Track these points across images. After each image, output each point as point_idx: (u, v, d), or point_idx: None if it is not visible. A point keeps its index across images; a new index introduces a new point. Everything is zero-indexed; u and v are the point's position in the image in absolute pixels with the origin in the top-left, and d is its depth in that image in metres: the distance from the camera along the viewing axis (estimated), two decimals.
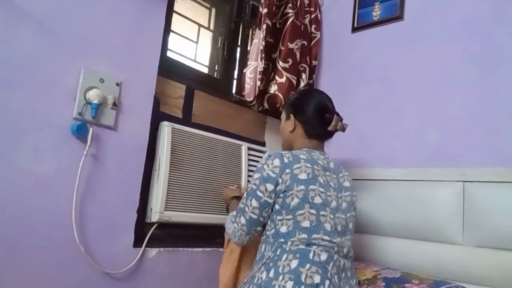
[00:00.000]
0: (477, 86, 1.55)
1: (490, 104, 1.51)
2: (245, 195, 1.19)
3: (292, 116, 1.30)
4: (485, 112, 1.52)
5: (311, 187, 1.13)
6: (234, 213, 1.23)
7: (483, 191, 1.39)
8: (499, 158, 1.43)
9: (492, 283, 1.30)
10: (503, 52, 1.52)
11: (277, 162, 1.15)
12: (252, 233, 1.19)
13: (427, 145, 1.63)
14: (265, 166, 1.16)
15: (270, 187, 1.13)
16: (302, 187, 1.12)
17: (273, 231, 1.14)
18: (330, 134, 1.30)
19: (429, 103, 1.66)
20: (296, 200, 1.11)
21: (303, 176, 1.13)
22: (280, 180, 1.13)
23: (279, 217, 1.13)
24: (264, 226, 1.19)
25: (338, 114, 1.29)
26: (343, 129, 1.30)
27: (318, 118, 1.26)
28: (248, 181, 1.74)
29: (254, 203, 1.15)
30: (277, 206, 1.14)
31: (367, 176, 1.69)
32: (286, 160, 1.15)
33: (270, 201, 1.14)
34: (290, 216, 1.11)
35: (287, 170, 1.13)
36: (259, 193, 1.14)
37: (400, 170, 1.62)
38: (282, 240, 1.11)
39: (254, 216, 1.16)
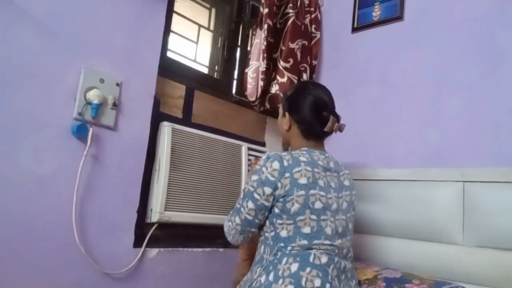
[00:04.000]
0: (477, 86, 1.55)
1: (490, 104, 1.51)
2: (241, 195, 1.17)
3: (287, 114, 1.26)
4: (485, 112, 1.52)
5: (312, 191, 1.10)
6: (231, 212, 1.21)
7: (483, 191, 1.39)
8: (499, 158, 1.43)
9: (492, 283, 1.30)
10: (503, 52, 1.52)
11: (276, 165, 1.10)
12: (246, 233, 1.17)
13: (427, 145, 1.63)
14: (264, 169, 1.12)
15: (268, 190, 1.09)
16: (302, 192, 1.09)
17: (272, 233, 1.12)
18: (328, 133, 1.23)
19: (429, 103, 1.66)
20: (296, 206, 1.08)
21: (303, 180, 1.09)
22: (279, 184, 1.09)
23: (279, 221, 1.10)
24: (260, 227, 1.17)
25: (335, 114, 1.23)
26: (340, 129, 1.23)
27: (314, 117, 1.20)
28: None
29: (251, 204, 1.12)
30: (276, 210, 1.11)
31: (368, 176, 1.69)
32: (285, 163, 1.11)
33: (267, 204, 1.11)
34: (290, 221, 1.09)
35: (287, 174, 1.09)
36: (256, 196, 1.11)
37: (400, 170, 1.62)
38: (282, 244, 1.09)
39: (249, 217, 1.13)
